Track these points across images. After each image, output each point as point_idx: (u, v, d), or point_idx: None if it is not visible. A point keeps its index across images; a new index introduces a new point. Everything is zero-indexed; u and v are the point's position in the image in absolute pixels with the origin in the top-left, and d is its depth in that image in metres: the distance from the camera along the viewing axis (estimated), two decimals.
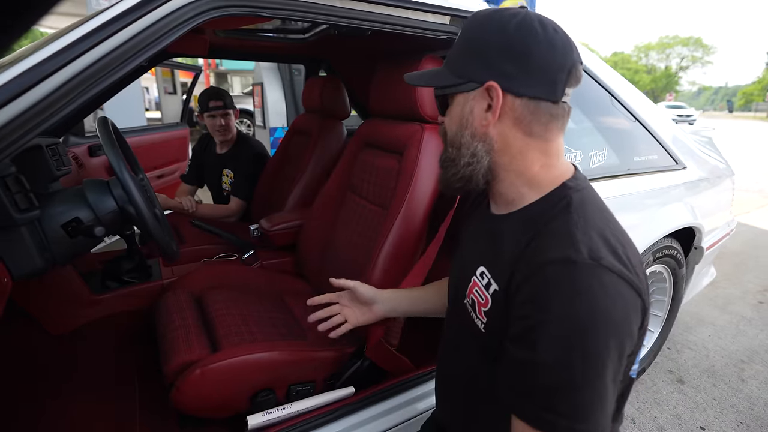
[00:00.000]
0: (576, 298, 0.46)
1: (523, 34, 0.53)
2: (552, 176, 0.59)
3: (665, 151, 1.45)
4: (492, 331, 0.58)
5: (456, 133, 0.60)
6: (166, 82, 8.15)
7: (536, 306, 0.49)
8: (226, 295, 1.24)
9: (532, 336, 0.48)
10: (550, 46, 0.53)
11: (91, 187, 0.92)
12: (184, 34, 0.74)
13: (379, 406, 1.03)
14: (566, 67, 0.54)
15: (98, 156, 2.10)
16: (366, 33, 1.37)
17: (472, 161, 0.59)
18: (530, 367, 0.48)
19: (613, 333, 0.46)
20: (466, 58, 0.58)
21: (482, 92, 0.56)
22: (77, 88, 0.64)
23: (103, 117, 0.95)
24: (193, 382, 0.88)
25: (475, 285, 0.62)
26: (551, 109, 0.56)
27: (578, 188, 0.57)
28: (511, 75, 0.54)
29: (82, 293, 1.24)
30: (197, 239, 1.69)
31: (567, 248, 0.49)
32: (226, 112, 1.95)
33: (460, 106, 0.59)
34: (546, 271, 0.49)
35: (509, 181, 0.60)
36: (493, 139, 0.58)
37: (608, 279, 0.47)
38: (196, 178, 2.20)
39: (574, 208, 0.54)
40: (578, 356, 0.46)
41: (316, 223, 1.44)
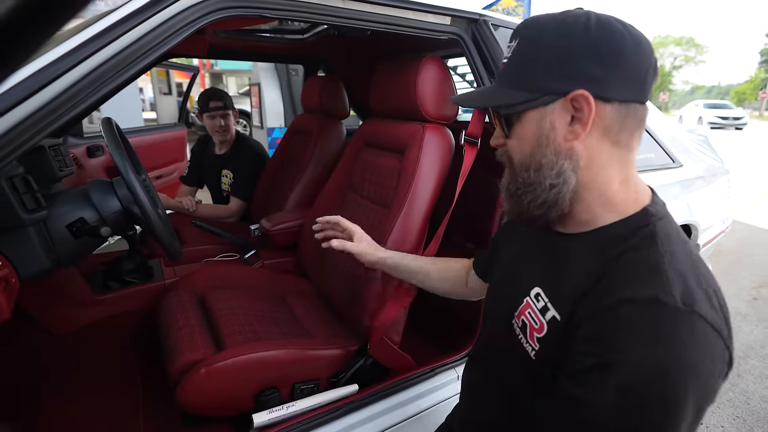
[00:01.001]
0: (663, 345, 0.41)
1: (609, 33, 0.47)
2: (631, 196, 0.53)
3: (662, 149, 1.47)
4: (544, 359, 0.53)
5: (531, 154, 0.53)
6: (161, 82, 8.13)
7: (609, 345, 0.43)
8: (228, 294, 1.24)
9: (599, 374, 0.43)
10: (637, 44, 0.48)
11: (95, 188, 0.92)
12: (189, 35, 0.75)
13: (382, 403, 1.04)
14: (652, 63, 0.49)
15: (97, 157, 2.09)
16: (366, 33, 1.38)
17: (557, 182, 0.51)
18: (593, 410, 0.43)
19: (696, 389, 0.41)
20: (533, 70, 0.51)
21: (564, 104, 0.49)
22: (87, 89, 0.65)
23: (107, 117, 0.95)
24: (198, 381, 0.89)
25: (528, 306, 0.56)
26: (640, 111, 0.51)
27: (660, 216, 0.51)
28: (600, 79, 0.48)
29: (84, 294, 1.24)
30: (198, 239, 1.69)
31: (655, 287, 0.43)
32: (226, 113, 1.96)
33: (534, 123, 0.52)
34: (626, 309, 0.43)
35: (588, 200, 0.53)
36: (580, 154, 0.51)
37: (700, 329, 0.42)
38: (196, 178, 2.20)
39: (661, 240, 0.47)
40: (650, 410, 0.40)
41: None
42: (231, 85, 20.16)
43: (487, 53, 1.07)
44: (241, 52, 1.96)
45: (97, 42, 0.65)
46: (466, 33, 1.08)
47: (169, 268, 1.46)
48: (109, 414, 1.06)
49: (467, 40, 1.08)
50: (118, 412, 1.07)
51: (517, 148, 0.55)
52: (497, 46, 1.07)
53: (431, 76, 1.10)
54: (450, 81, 1.15)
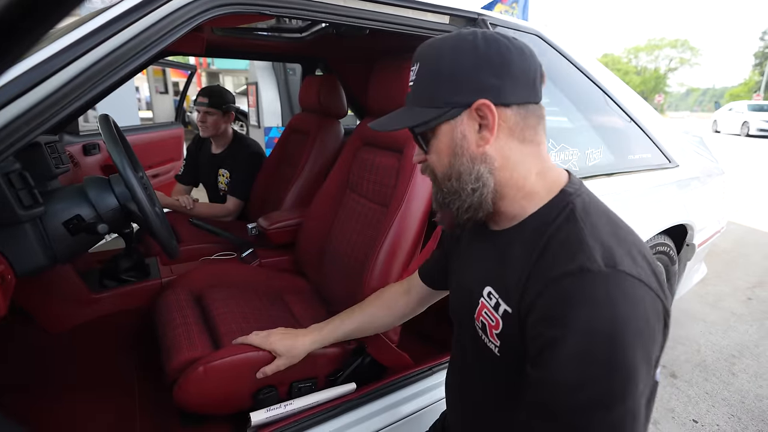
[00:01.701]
0: (594, 308, 0.44)
1: (496, 47, 0.53)
2: (548, 183, 0.58)
3: (658, 149, 1.48)
4: (507, 353, 0.56)
5: (450, 164, 0.57)
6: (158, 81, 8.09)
7: (552, 322, 0.46)
8: (226, 293, 1.24)
9: (548, 354, 0.45)
10: (521, 53, 0.54)
11: (93, 185, 0.91)
12: (187, 32, 0.75)
13: (380, 402, 1.04)
14: (538, 68, 0.56)
15: (93, 155, 2.08)
16: (364, 32, 1.38)
17: (477, 186, 0.56)
18: (550, 388, 0.45)
19: (640, 343, 0.43)
20: (439, 87, 0.56)
21: (470, 114, 0.54)
22: (83, 86, 0.64)
23: (104, 114, 0.95)
24: (195, 380, 0.88)
25: (483, 307, 0.59)
26: (537, 110, 0.57)
27: (578, 193, 0.56)
28: (496, 87, 0.53)
29: (80, 292, 1.23)
30: (195, 238, 1.69)
31: (579, 257, 0.47)
32: (208, 111, 1.94)
33: (447, 136, 0.56)
34: (560, 284, 0.47)
35: (510, 196, 0.58)
36: (493, 157, 0.56)
37: (628, 285, 0.45)
38: (192, 177, 2.19)
39: (579, 215, 0.52)
40: (604, 372, 0.43)
41: (314, 222, 1.44)
42: (228, 84, 20.11)
43: None
44: (238, 51, 1.95)
45: (93, 38, 0.65)
46: None
47: (166, 266, 1.45)
48: (105, 413, 1.06)
49: None
50: (114, 411, 1.07)
51: (437, 162, 0.59)
52: None
53: None
54: None
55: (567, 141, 1.19)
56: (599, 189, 1.26)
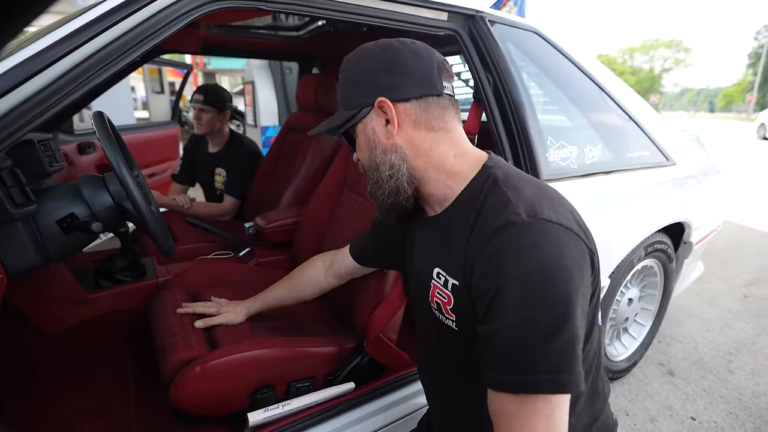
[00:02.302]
0: (523, 254, 0.49)
1: (389, 51, 0.61)
2: (469, 163, 0.63)
3: (656, 147, 1.47)
4: (463, 325, 0.60)
5: (370, 158, 0.64)
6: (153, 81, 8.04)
7: (491, 276, 0.51)
8: (222, 292, 1.22)
9: (493, 306, 0.50)
10: (413, 53, 0.60)
11: (87, 183, 0.90)
12: (181, 28, 0.74)
13: (379, 401, 1.03)
14: (435, 65, 0.61)
15: (88, 154, 2.06)
16: (362, 30, 1.37)
17: (392, 172, 0.62)
18: (498, 336, 0.50)
19: (568, 278, 0.48)
20: (350, 92, 0.64)
21: (376, 111, 0.62)
22: (76, 80, 0.63)
23: (98, 111, 0.93)
24: (192, 380, 0.87)
25: (435, 288, 0.64)
26: (438, 101, 0.62)
27: (498, 165, 0.61)
28: (393, 86, 0.60)
29: (75, 292, 1.22)
30: (192, 237, 1.67)
31: (505, 214, 0.52)
32: (203, 108, 1.93)
33: (362, 133, 0.64)
34: (491, 242, 0.52)
35: (434, 179, 0.63)
36: (403, 146, 0.62)
37: (550, 229, 0.50)
38: (188, 177, 2.18)
39: (502, 182, 0.57)
40: (540, 308, 0.47)
41: (312, 220, 1.43)
42: (224, 83, 20.05)
43: (484, 50, 1.07)
44: (235, 49, 1.94)
45: (86, 32, 0.63)
46: (463, 29, 1.07)
47: (162, 266, 1.44)
48: (101, 414, 1.04)
49: (464, 36, 1.07)
50: (110, 411, 1.06)
51: (362, 157, 0.67)
52: (494, 42, 1.07)
53: None
54: None
55: (565, 138, 1.19)
56: (598, 187, 1.27)
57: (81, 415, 1.03)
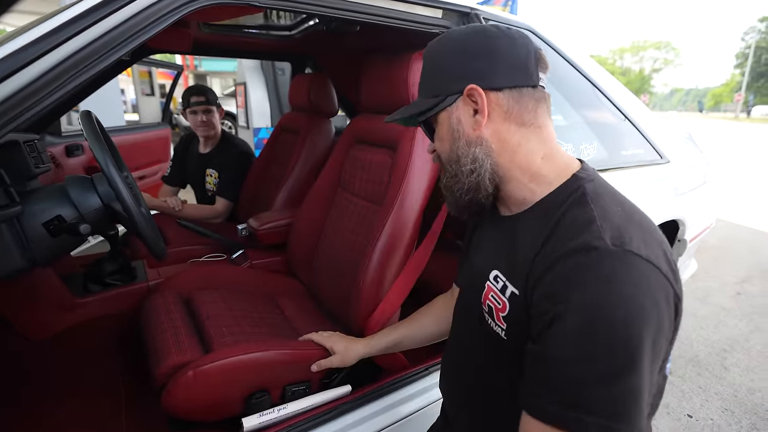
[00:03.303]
0: (599, 285, 0.43)
1: (482, 35, 0.56)
2: (558, 168, 0.57)
3: (650, 145, 1.48)
4: (514, 336, 0.55)
5: (451, 149, 0.60)
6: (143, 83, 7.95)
7: (556, 298, 0.46)
8: (215, 295, 1.20)
9: (552, 329, 0.45)
10: (508, 38, 0.56)
11: (74, 184, 0.88)
12: (170, 25, 0.72)
13: (376, 403, 1.02)
14: (532, 53, 0.57)
15: (76, 156, 2.02)
16: (355, 29, 1.36)
17: (475, 167, 0.58)
18: (551, 364, 0.45)
19: (644, 321, 0.42)
20: (436, 79, 0.60)
21: (464, 100, 0.57)
22: (57, 80, 0.61)
23: (86, 110, 0.91)
24: (185, 385, 0.85)
25: (490, 290, 0.59)
26: (533, 93, 0.57)
27: (590, 178, 0.55)
28: (486, 72, 0.56)
29: (62, 297, 1.19)
30: (183, 240, 1.64)
31: (586, 236, 0.46)
32: (208, 108, 1.91)
33: (445, 123, 0.60)
34: (565, 262, 0.46)
35: (515, 179, 0.58)
36: (489, 140, 0.58)
37: (635, 264, 0.44)
38: (179, 178, 2.15)
39: (591, 198, 0.52)
40: (604, 348, 0.42)
41: (306, 221, 1.41)
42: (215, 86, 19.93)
43: None
44: (226, 49, 1.92)
45: (70, 28, 0.61)
46: (458, 27, 1.06)
47: (153, 269, 1.41)
48: (91, 421, 1.02)
49: None
50: (100, 418, 1.03)
51: (440, 148, 0.63)
52: None
53: None
54: None
55: (561, 136, 1.18)
56: None
57: (70, 422, 1.00)
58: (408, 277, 1.08)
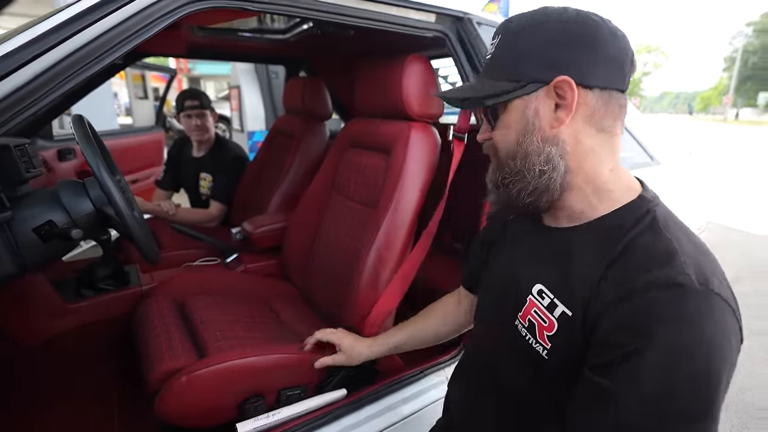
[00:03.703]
0: (684, 324, 0.42)
1: (587, 23, 0.50)
2: (623, 185, 0.54)
3: (641, 148, 1.50)
4: (558, 356, 0.52)
5: (518, 143, 0.53)
6: (137, 87, 7.91)
7: (637, 332, 0.43)
8: (210, 300, 1.20)
9: (629, 365, 0.43)
10: (613, 33, 0.51)
11: (66, 188, 0.87)
12: (164, 29, 0.72)
13: (372, 407, 1.01)
14: (629, 54, 0.52)
15: (68, 160, 2.00)
16: (349, 32, 1.36)
17: (546, 168, 0.52)
18: (625, 399, 0.43)
19: (724, 367, 0.42)
20: (518, 59, 0.52)
21: (548, 91, 0.51)
22: (48, 83, 0.60)
23: (78, 114, 0.90)
24: (178, 390, 0.85)
25: (533, 305, 0.55)
26: (621, 99, 0.53)
27: (656, 202, 0.52)
28: (582, 65, 0.50)
29: (53, 302, 1.17)
30: (177, 244, 1.63)
31: (671, 270, 0.44)
32: (202, 112, 1.91)
33: (519, 111, 0.53)
34: (647, 294, 0.44)
35: (578, 188, 0.54)
36: (566, 141, 0.52)
37: (717, 306, 0.43)
38: (172, 182, 2.14)
39: (663, 225, 0.49)
40: (685, 388, 0.41)
41: (301, 225, 1.41)
42: (209, 89, 19.85)
43: (472, 51, 1.07)
44: (220, 52, 1.91)
45: (62, 31, 0.61)
46: (452, 31, 1.07)
47: (146, 273, 1.40)
48: (82, 427, 1.01)
49: (452, 38, 1.07)
50: (92, 424, 1.02)
51: (502, 138, 0.56)
52: (482, 44, 1.07)
53: (416, 75, 1.09)
54: (435, 80, 1.14)
55: None
56: None
57: (62, 427, 0.99)
58: (403, 279, 1.09)
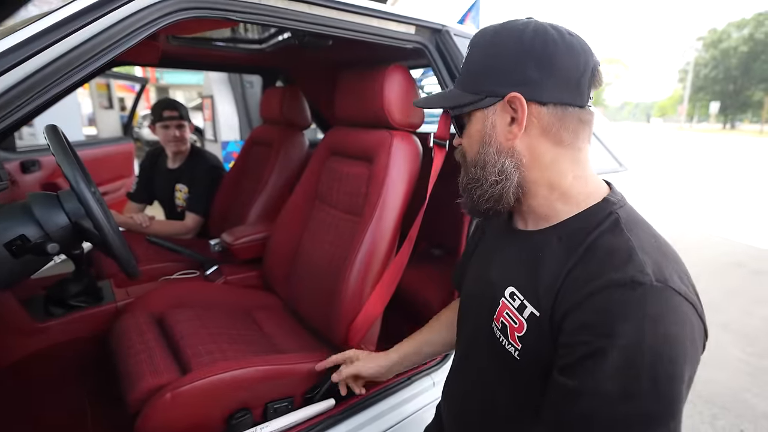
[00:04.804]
0: (646, 323, 0.42)
1: (541, 39, 0.51)
2: (588, 190, 0.55)
3: (610, 153, 1.57)
4: (528, 357, 0.53)
5: (478, 152, 0.56)
6: (101, 96, 7.64)
7: (598, 331, 0.44)
8: (190, 313, 1.16)
9: (591, 364, 0.44)
10: (569, 49, 0.52)
11: (38, 201, 0.83)
12: (144, 38, 0.71)
13: (360, 416, 1.01)
14: (589, 69, 0.53)
15: (32, 172, 1.91)
16: (327, 43, 1.38)
17: (501, 179, 0.55)
18: (590, 398, 0.44)
19: (686, 363, 0.43)
20: (480, 74, 0.55)
21: (503, 105, 0.53)
22: (20, 97, 0.58)
23: (51, 125, 0.87)
24: (162, 408, 0.82)
25: (505, 307, 0.57)
26: (579, 114, 0.54)
27: (621, 204, 0.54)
28: (534, 82, 0.52)
29: (21, 322, 1.11)
30: (154, 257, 1.58)
31: (630, 269, 0.45)
32: (182, 123, 1.87)
33: (479, 123, 0.56)
34: (608, 293, 0.45)
35: (542, 195, 0.56)
36: (521, 153, 0.54)
37: (677, 302, 0.44)
38: (145, 194, 2.07)
39: (625, 225, 0.50)
40: (649, 388, 0.42)
41: (283, 235, 1.40)
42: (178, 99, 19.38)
43: (451, 62, 1.10)
44: (195, 62, 1.89)
45: (39, 41, 0.58)
46: (431, 43, 1.11)
47: (121, 289, 1.34)
48: None
49: (432, 50, 1.10)
50: None
51: (468, 147, 0.59)
52: (460, 55, 1.11)
53: (397, 84, 1.11)
54: (415, 89, 1.17)
55: None
56: None
57: None
58: (388, 285, 1.09)
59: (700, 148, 14.81)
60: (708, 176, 8.09)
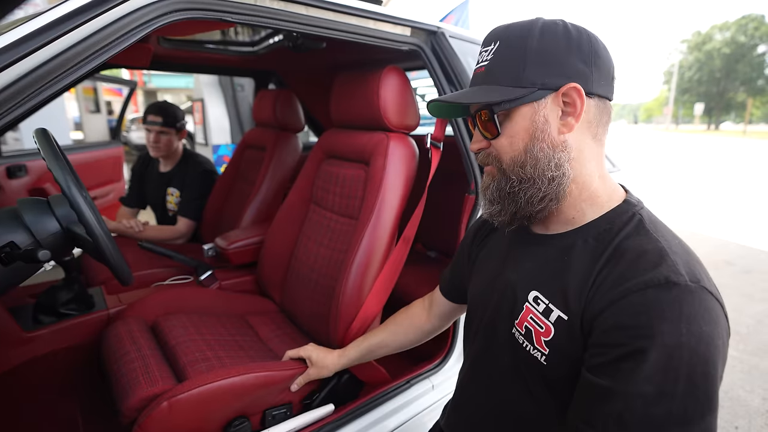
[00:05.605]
0: (683, 323, 0.43)
1: (586, 35, 0.53)
2: (609, 190, 0.55)
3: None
4: (555, 361, 0.52)
5: (527, 150, 0.53)
6: (88, 100, 7.53)
7: (635, 332, 0.44)
8: (184, 320, 1.14)
9: (629, 365, 0.43)
10: (605, 46, 0.54)
11: (28, 207, 0.81)
12: (137, 40, 0.69)
13: (359, 421, 1.00)
14: (614, 66, 0.55)
15: (18, 178, 1.87)
16: (320, 46, 1.37)
17: (557, 174, 0.52)
18: (627, 399, 0.43)
19: (719, 362, 0.43)
20: (527, 66, 0.52)
21: (555, 98, 0.52)
22: (10, 101, 0.56)
23: (42, 129, 0.85)
24: (159, 418, 0.80)
25: (529, 312, 0.55)
26: (610, 108, 0.55)
27: (641, 206, 0.54)
28: (586, 74, 0.52)
29: (9, 331, 1.08)
30: (146, 263, 1.55)
31: (664, 269, 0.45)
32: (162, 130, 1.82)
33: (526, 118, 0.53)
34: (644, 294, 0.45)
35: (573, 195, 0.55)
36: (572, 146, 0.53)
37: (711, 303, 0.45)
38: (138, 199, 2.04)
39: (651, 226, 0.51)
40: (686, 388, 0.42)
41: (278, 239, 1.38)
42: None
43: (447, 63, 1.10)
44: (187, 65, 1.87)
45: (30, 43, 0.56)
46: (426, 44, 1.10)
47: (112, 296, 1.32)
48: None
49: (427, 51, 1.10)
50: None
51: (507, 146, 0.55)
52: (456, 57, 1.11)
53: (393, 86, 1.11)
54: (411, 91, 1.16)
55: None
56: None
57: None
58: (385, 286, 1.09)
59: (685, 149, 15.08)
60: (694, 176, 8.23)
